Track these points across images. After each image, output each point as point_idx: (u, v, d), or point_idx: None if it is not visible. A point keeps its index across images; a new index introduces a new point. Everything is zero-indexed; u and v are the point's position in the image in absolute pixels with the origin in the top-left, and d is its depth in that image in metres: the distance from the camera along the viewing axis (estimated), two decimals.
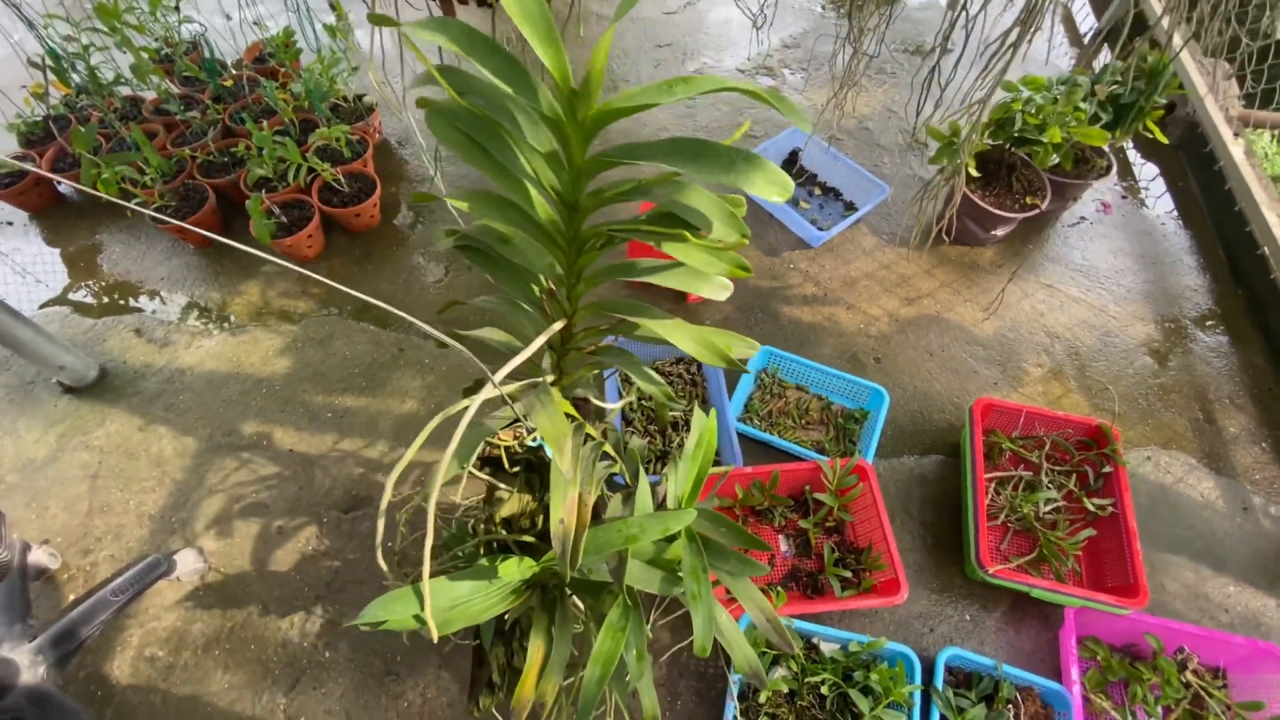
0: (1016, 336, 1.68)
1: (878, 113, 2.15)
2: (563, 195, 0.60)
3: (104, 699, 1.23)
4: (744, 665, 0.86)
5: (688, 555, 0.79)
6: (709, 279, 0.67)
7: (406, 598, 0.72)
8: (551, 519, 0.67)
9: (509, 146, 0.59)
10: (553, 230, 0.65)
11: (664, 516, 0.78)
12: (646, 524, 0.76)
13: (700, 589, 0.77)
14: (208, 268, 1.81)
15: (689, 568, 0.78)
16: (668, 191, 0.57)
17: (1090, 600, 1.18)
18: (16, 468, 1.48)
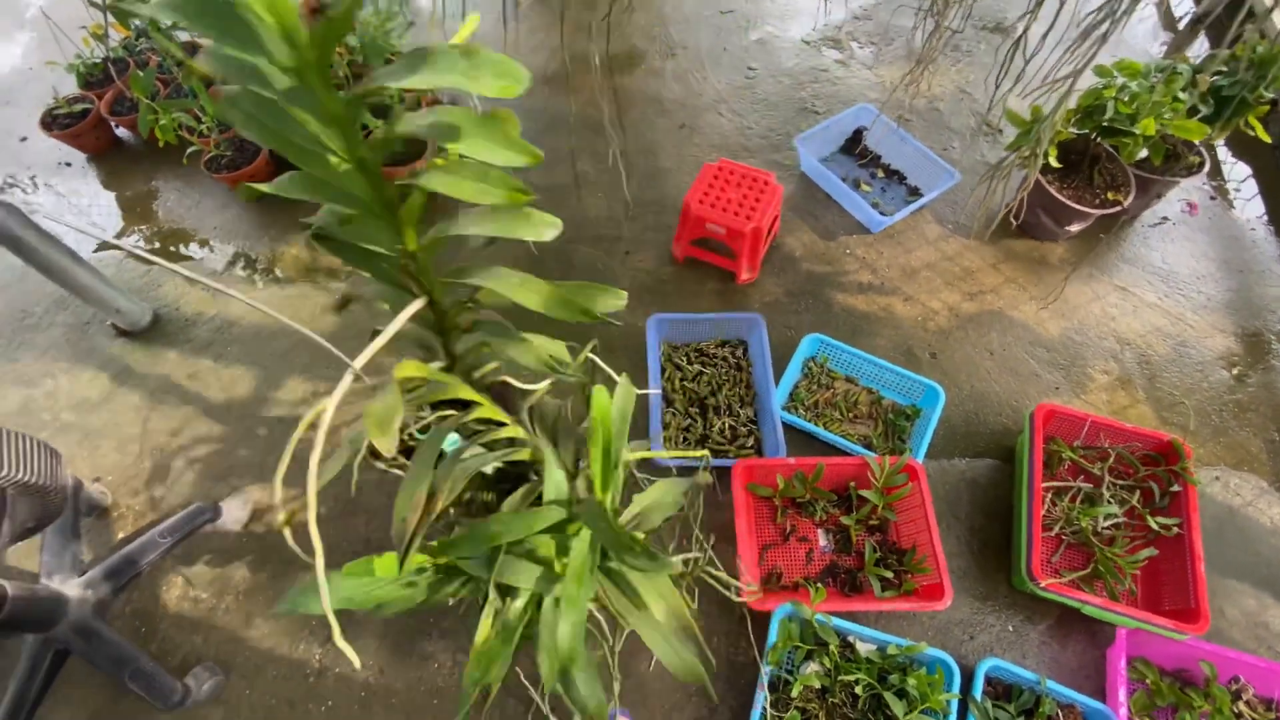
0: (1084, 340, 1.59)
1: (950, 93, 2.04)
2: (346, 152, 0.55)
3: (148, 635, 1.27)
4: (682, 670, 0.81)
5: (575, 555, 0.73)
6: (529, 221, 0.61)
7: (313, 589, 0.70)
8: (395, 516, 0.64)
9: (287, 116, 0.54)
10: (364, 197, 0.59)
11: (529, 515, 0.75)
12: (510, 522, 0.74)
13: (578, 592, 0.71)
14: (259, 220, 1.81)
15: (573, 568, 0.72)
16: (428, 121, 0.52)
17: (1147, 623, 1.13)
18: (71, 406, 1.52)
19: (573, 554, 0.74)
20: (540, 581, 0.76)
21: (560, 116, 1.99)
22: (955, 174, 1.68)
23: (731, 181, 1.56)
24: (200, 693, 1.17)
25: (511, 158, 0.52)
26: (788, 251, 1.71)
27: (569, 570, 0.73)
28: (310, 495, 0.63)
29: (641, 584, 0.80)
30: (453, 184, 0.55)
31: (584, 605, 0.71)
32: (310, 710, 1.19)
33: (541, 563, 0.77)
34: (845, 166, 1.86)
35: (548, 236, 0.62)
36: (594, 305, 0.69)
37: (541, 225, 0.62)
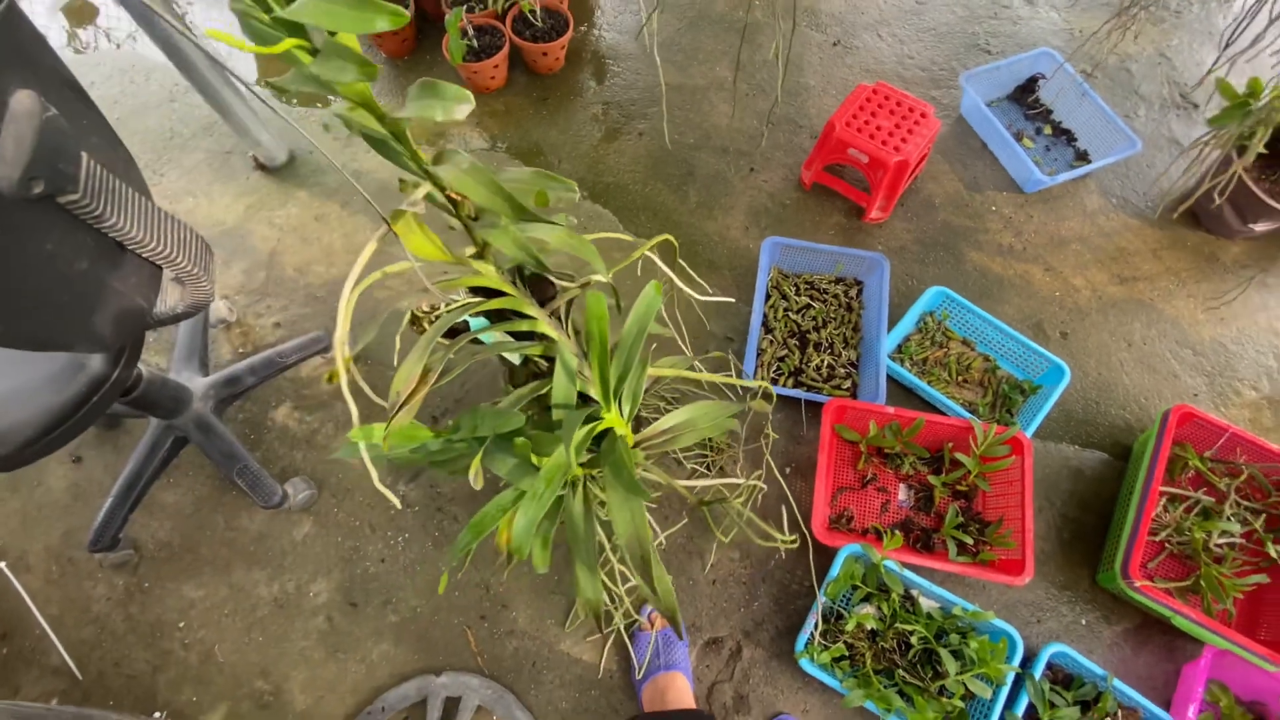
0: (1239, 350, 1.44)
1: (1147, 55, 1.80)
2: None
3: (254, 442, 1.38)
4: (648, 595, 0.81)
5: (554, 458, 0.75)
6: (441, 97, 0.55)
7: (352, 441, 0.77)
8: (391, 389, 0.66)
9: None
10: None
11: (496, 413, 0.78)
12: (486, 416, 0.77)
13: (545, 491, 0.73)
14: (395, 79, 1.82)
15: (547, 469, 0.74)
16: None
17: (1241, 647, 1.05)
18: (208, 226, 1.62)
19: (551, 457, 0.76)
20: (514, 473, 0.79)
21: (708, 14, 1.89)
22: (1137, 143, 1.50)
23: (885, 108, 1.45)
24: (296, 500, 1.27)
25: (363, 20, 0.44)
26: (926, 196, 1.60)
27: (543, 471, 0.75)
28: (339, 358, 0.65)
29: (615, 504, 0.79)
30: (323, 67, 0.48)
31: (545, 504, 0.74)
32: (389, 538, 1.28)
33: (520, 457, 0.80)
34: (1010, 115, 1.70)
35: (460, 115, 0.56)
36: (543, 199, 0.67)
37: (453, 101, 0.56)
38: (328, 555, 1.27)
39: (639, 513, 0.81)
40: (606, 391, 0.82)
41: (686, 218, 1.59)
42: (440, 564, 1.25)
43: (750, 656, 1.19)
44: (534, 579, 1.24)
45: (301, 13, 0.44)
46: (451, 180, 0.63)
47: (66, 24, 1.99)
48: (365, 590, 1.24)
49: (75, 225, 0.65)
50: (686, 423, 0.97)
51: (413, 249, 0.70)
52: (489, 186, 0.64)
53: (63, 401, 0.90)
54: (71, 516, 1.32)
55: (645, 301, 0.83)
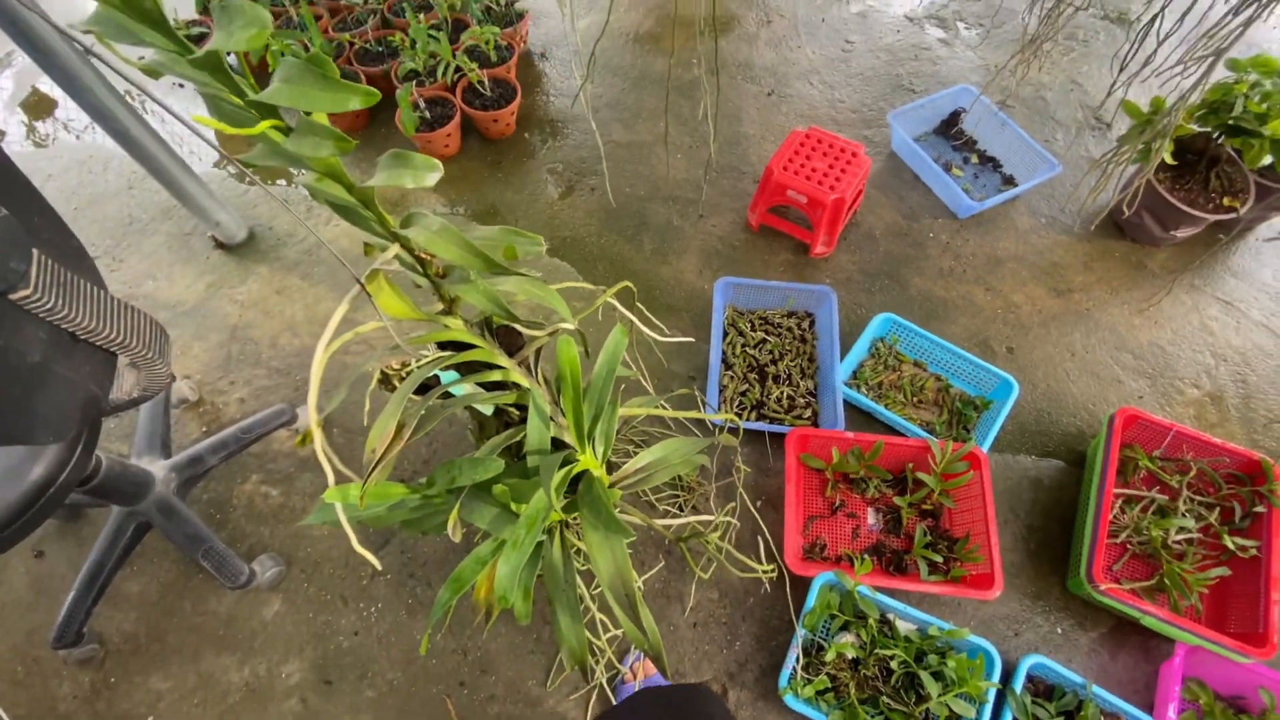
0: (1176, 351, 1.51)
1: (1059, 83, 1.93)
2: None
3: (220, 522, 1.36)
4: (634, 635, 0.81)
5: (533, 503, 0.75)
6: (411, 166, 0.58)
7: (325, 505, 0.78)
8: (366, 447, 0.67)
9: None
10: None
11: (479, 462, 0.78)
12: (464, 466, 0.77)
13: (526, 538, 0.73)
14: (354, 153, 1.88)
15: (527, 515, 0.74)
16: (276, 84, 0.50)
17: (1211, 641, 1.07)
18: (168, 306, 1.63)
19: (531, 502, 0.76)
20: (495, 523, 0.79)
21: (648, 75, 1.99)
22: (1056, 165, 1.60)
23: (818, 150, 1.53)
24: (264, 578, 1.25)
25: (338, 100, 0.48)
26: (867, 229, 1.67)
27: (524, 516, 0.76)
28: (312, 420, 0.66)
29: (596, 545, 0.80)
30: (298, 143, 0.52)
31: (527, 550, 0.74)
32: (361, 609, 1.25)
33: (500, 506, 0.80)
34: (938, 148, 1.80)
35: (429, 182, 0.59)
36: (511, 253, 0.70)
37: (423, 170, 0.59)
38: (299, 633, 1.24)
39: (620, 552, 0.82)
40: (581, 434, 0.84)
41: (642, 265, 1.64)
42: (415, 632, 1.23)
43: (736, 699, 1.18)
44: (512, 640, 1.22)
45: (277, 96, 0.48)
46: (423, 241, 0.65)
47: (25, 118, 2.03)
48: (339, 666, 1.21)
49: (26, 319, 0.67)
50: (659, 460, 0.98)
51: (384, 308, 0.72)
52: (460, 245, 0.66)
53: (17, 496, 0.89)
54: (35, 613, 1.28)
55: (613, 343, 0.86)
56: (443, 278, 0.81)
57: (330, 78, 0.48)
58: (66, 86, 1.24)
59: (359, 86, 0.49)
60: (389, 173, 0.60)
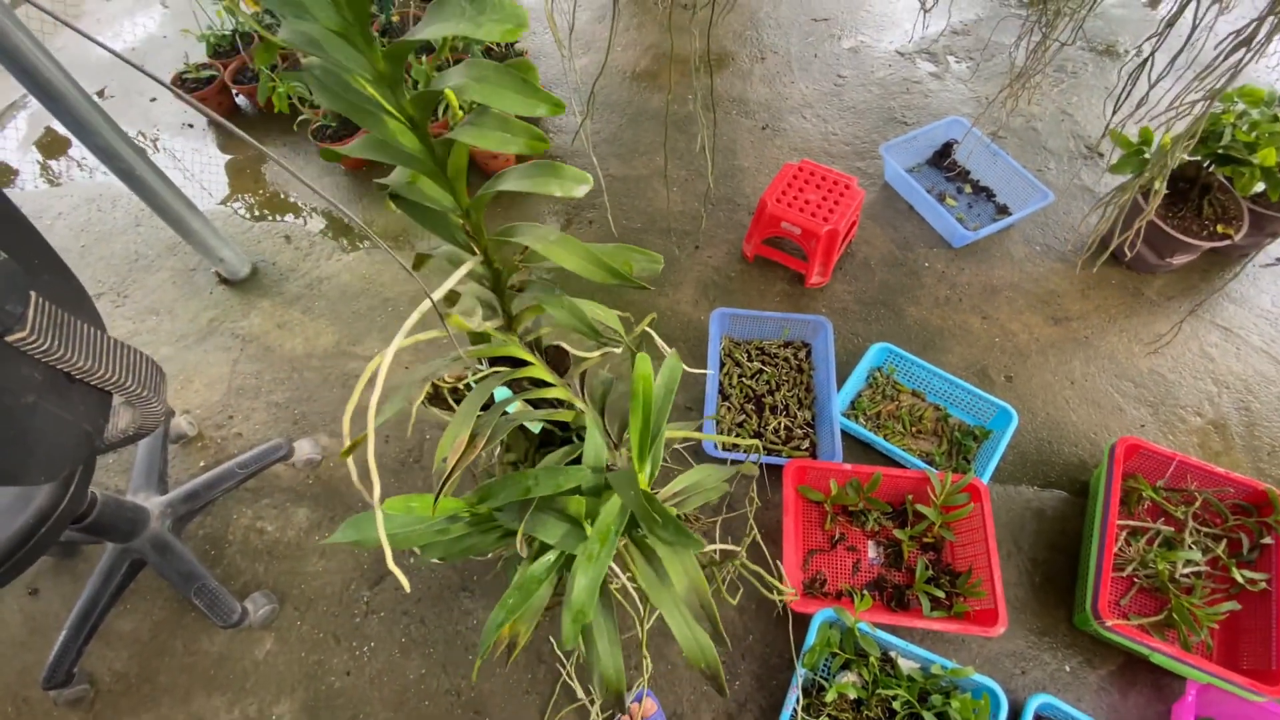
0: (1177, 379, 1.50)
1: (1050, 114, 1.96)
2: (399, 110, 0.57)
3: (215, 559, 1.35)
4: (695, 654, 0.80)
5: (604, 515, 0.74)
6: (560, 176, 0.61)
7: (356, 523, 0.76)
8: (436, 456, 0.67)
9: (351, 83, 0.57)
10: (419, 155, 0.61)
11: (560, 471, 0.77)
12: (542, 477, 0.76)
13: (601, 551, 0.72)
14: (355, 189, 1.92)
15: (599, 528, 0.73)
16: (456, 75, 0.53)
17: (1223, 679, 1.04)
18: (171, 341, 1.65)
19: (601, 515, 0.75)
20: (566, 539, 0.77)
21: (645, 110, 2.03)
22: (1049, 194, 1.61)
23: (811, 182, 1.55)
24: (256, 617, 1.24)
25: (531, 105, 0.52)
26: (862, 259, 1.68)
27: (595, 529, 0.74)
28: (370, 428, 0.67)
29: (667, 558, 0.80)
30: (478, 134, 0.57)
31: (604, 564, 0.72)
32: (354, 648, 1.24)
33: (571, 521, 0.79)
34: (931, 179, 1.82)
35: (579, 193, 0.62)
36: (629, 267, 0.70)
37: (572, 181, 0.62)
38: (291, 672, 1.22)
39: (692, 564, 0.82)
40: (643, 450, 0.83)
41: (639, 296, 1.65)
42: (408, 671, 1.21)
43: None
44: (506, 681, 1.20)
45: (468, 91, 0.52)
46: (541, 249, 0.68)
47: (39, 157, 2.09)
48: (331, 708, 1.19)
49: (21, 360, 0.67)
50: (694, 485, 0.98)
51: (454, 321, 0.74)
52: (583, 255, 0.68)
53: (10, 534, 0.89)
54: (28, 652, 1.27)
55: (669, 368, 0.86)
56: (519, 292, 0.82)
57: (528, 81, 0.52)
58: (75, 129, 1.27)
59: (549, 95, 0.53)
60: (533, 181, 0.63)
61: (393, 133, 0.60)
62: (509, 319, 0.86)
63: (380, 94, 0.57)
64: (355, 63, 0.53)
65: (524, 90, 0.53)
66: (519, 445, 1.03)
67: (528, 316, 0.85)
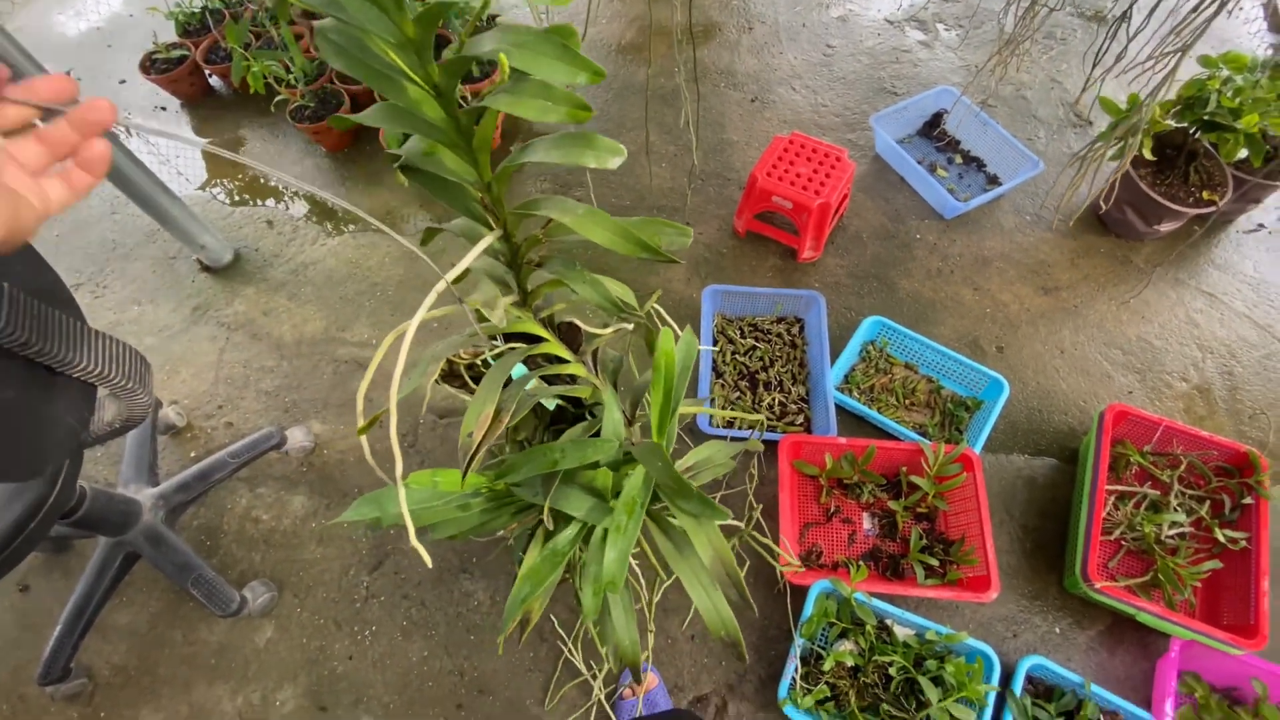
0: (1163, 345, 1.51)
1: (1039, 81, 1.95)
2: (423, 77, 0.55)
3: (210, 549, 1.34)
4: (716, 624, 0.81)
5: (629, 488, 0.74)
6: (594, 147, 0.60)
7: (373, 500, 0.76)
8: (461, 431, 0.66)
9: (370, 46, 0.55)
10: (441, 124, 0.60)
11: (586, 443, 0.76)
12: (569, 450, 0.75)
13: (628, 523, 0.72)
14: (337, 171, 1.87)
15: (625, 500, 0.74)
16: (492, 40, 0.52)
17: (1206, 635, 1.07)
18: (154, 331, 1.62)
19: (626, 487, 0.75)
20: (593, 511, 0.77)
21: (631, 85, 1.99)
22: (1039, 163, 1.61)
23: (802, 155, 1.53)
24: (255, 605, 1.24)
25: (572, 74, 0.51)
26: (854, 232, 1.68)
27: (620, 501, 0.74)
28: (392, 402, 0.66)
29: (691, 529, 0.81)
30: (515, 102, 0.55)
31: (633, 535, 0.72)
32: (355, 633, 1.24)
33: (595, 494, 0.79)
34: (922, 150, 1.81)
35: (612, 164, 0.60)
36: (659, 240, 0.69)
37: (606, 152, 0.60)
38: (292, 659, 1.23)
39: (716, 534, 0.82)
40: (662, 424, 0.83)
41: (629, 275, 1.64)
42: (410, 654, 1.22)
43: (736, 711, 1.17)
44: (509, 659, 1.21)
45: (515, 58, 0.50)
46: (570, 223, 0.66)
47: None
48: (334, 692, 1.20)
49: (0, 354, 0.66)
50: (705, 460, 0.98)
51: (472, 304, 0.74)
52: (611, 228, 0.66)
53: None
54: (21, 649, 1.26)
55: (686, 344, 0.85)
56: (539, 267, 0.80)
57: (569, 47, 0.50)
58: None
59: (590, 62, 0.51)
60: (564, 151, 0.61)
61: (414, 101, 0.57)
62: (524, 294, 0.85)
63: (404, 60, 0.54)
64: (378, 25, 0.51)
65: (566, 56, 0.51)
66: (528, 423, 1.03)
67: (543, 292, 0.84)
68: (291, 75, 1.83)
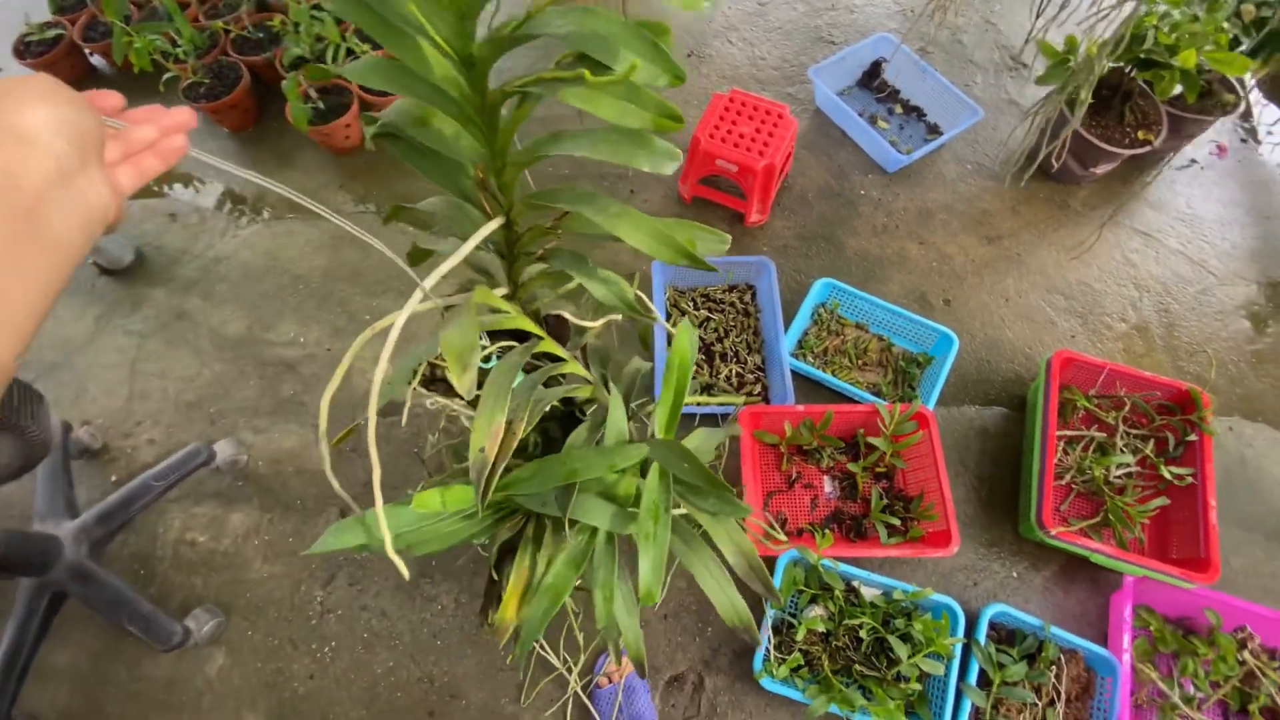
0: (1103, 288, 1.54)
1: (975, 24, 1.92)
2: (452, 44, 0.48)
3: (146, 578, 1.25)
4: (730, 614, 0.81)
5: (649, 492, 0.71)
6: (649, 149, 0.54)
7: (355, 526, 0.70)
8: (471, 447, 0.60)
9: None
10: (459, 98, 0.53)
11: (609, 451, 0.72)
12: (590, 458, 0.71)
13: (656, 529, 0.69)
14: (243, 153, 1.72)
15: (648, 505, 0.70)
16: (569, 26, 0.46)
17: (1158, 572, 1.12)
18: (55, 345, 1.47)
19: (646, 492, 0.71)
20: (616, 519, 0.73)
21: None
22: (979, 110, 1.59)
23: (744, 114, 1.47)
24: (201, 634, 1.16)
25: (655, 76, 0.45)
26: (799, 192, 1.64)
27: (644, 507, 0.70)
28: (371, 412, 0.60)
29: (711, 526, 0.78)
30: (590, 99, 0.48)
31: (664, 541, 0.69)
32: (314, 650, 1.18)
33: (614, 500, 0.75)
34: (862, 101, 1.77)
35: (668, 170, 0.54)
36: (695, 245, 0.63)
37: (661, 156, 0.54)
38: (249, 685, 1.16)
39: (734, 528, 0.81)
40: (671, 423, 0.79)
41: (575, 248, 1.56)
42: (375, 666, 1.17)
43: (713, 685, 1.18)
44: (479, 661, 1.18)
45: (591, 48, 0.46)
46: (602, 223, 0.60)
47: None
48: (298, 713, 1.15)
49: None
50: (695, 449, 0.95)
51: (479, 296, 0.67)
52: (650, 232, 0.60)
53: None
54: None
55: (685, 336, 0.80)
56: (538, 260, 0.73)
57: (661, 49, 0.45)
58: None
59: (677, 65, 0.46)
60: (614, 148, 0.54)
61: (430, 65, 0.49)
62: (514, 288, 0.78)
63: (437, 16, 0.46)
64: None
65: (656, 57, 0.45)
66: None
67: (534, 285, 0.78)
68: (180, 49, 1.65)
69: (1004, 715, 1.10)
